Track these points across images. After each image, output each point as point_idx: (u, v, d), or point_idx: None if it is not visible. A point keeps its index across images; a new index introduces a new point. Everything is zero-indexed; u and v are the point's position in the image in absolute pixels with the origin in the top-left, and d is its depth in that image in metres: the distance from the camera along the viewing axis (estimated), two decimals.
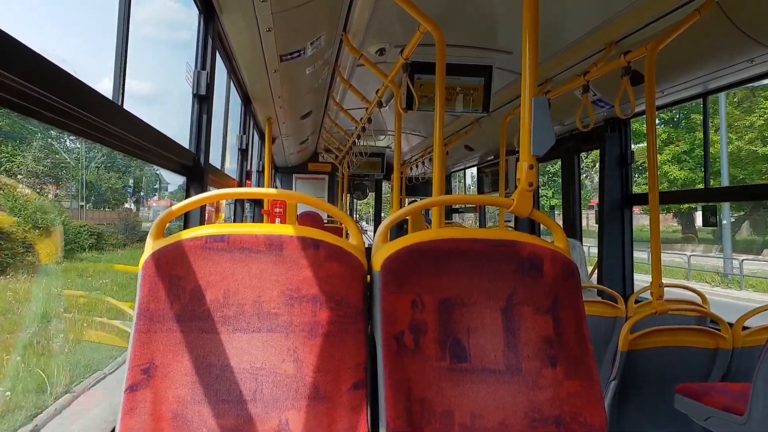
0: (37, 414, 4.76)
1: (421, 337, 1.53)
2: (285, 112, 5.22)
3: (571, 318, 1.57)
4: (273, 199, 5.41)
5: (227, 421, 1.42)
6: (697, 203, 4.29)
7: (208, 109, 2.79)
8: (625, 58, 3.06)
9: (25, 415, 4.73)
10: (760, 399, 2.06)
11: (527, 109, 1.69)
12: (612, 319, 3.48)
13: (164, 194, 16.41)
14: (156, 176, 15.72)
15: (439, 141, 2.75)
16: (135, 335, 1.43)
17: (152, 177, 15.84)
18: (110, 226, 11.14)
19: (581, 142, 5.01)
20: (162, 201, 22.39)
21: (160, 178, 16.13)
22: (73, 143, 10.99)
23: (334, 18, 3.26)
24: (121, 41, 1.93)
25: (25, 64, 1.12)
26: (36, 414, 4.76)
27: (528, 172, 1.68)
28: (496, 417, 1.49)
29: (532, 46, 1.73)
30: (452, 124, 6.21)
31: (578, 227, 5.18)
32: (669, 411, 2.64)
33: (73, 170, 11.04)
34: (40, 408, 4.91)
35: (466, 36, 3.50)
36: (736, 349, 2.79)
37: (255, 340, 1.48)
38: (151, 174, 15.63)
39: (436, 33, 2.62)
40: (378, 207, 11.63)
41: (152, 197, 15.82)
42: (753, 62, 2.90)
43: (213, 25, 2.80)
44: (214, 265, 1.50)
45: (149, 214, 13.39)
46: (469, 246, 1.58)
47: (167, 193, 16.12)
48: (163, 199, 16.11)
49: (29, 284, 6.95)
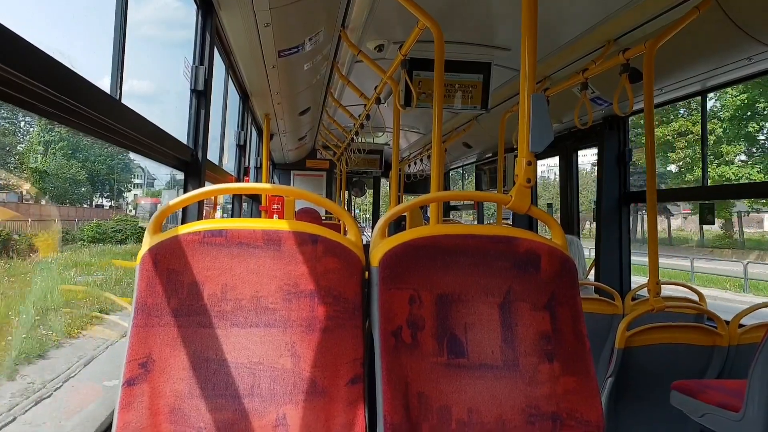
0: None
1: (419, 333, 1.53)
2: (283, 108, 5.21)
3: (568, 314, 1.57)
4: (271, 194, 5.41)
5: (225, 416, 1.42)
6: (698, 201, 4.30)
7: (206, 104, 2.79)
8: (623, 55, 3.06)
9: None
10: (755, 396, 2.07)
11: (526, 106, 1.69)
12: (609, 316, 3.49)
13: (150, 190, 14.64)
14: (141, 169, 13.64)
15: (438, 138, 2.75)
16: (132, 329, 1.43)
17: (133, 168, 13.60)
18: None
19: (579, 140, 5.01)
20: (146, 198, 20.97)
21: (146, 171, 14.17)
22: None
23: (333, 14, 3.25)
24: (118, 35, 1.92)
25: (23, 58, 1.12)
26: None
27: (526, 168, 1.68)
28: (493, 412, 1.49)
29: (530, 43, 1.73)
30: (451, 121, 6.22)
31: (576, 224, 5.19)
32: (665, 407, 2.65)
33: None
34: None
35: (464, 33, 3.50)
36: (732, 346, 2.80)
37: (253, 334, 1.48)
38: (129, 164, 13.40)
39: (434, 29, 2.62)
40: (376, 204, 11.63)
41: (129, 192, 14.48)
42: (751, 60, 2.90)
43: (211, 20, 2.80)
44: (212, 260, 1.50)
45: (132, 213, 12.24)
46: (467, 242, 1.59)
47: (152, 189, 14.24)
48: (149, 196, 14.78)
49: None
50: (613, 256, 4.52)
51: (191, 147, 2.72)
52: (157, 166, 2.48)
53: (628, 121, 4.61)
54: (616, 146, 4.56)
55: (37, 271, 5.41)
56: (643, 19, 2.87)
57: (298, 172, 9.96)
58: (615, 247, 4.52)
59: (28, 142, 8.75)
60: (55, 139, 9.33)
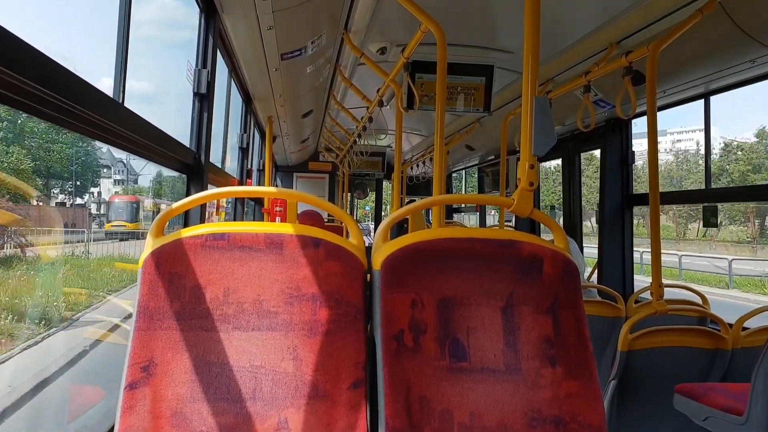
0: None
1: (421, 337, 1.53)
2: (286, 111, 5.22)
3: (570, 318, 1.57)
4: (273, 197, 5.42)
5: (226, 420, 1.42)
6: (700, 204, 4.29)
7: (209, 107, 2.79)
8: (626, 58, 3.06)
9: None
10: (759, 399, 2.06)
11: (528, 109, 1.68)
12: (612, 318, 3.48)
13: (133, 187, 12.52)
14: (122, 164, 10.83)
15: (440, 140, 2.75)
16: (134, 333, 1.43)
17: (102, 158, 10.50)
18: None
19: (582, 142, 5.01)
20: (121, 196, 19.03)
21: (128, 165, 11.68)
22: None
23: (336, 17, 3.25)
24: (121, 39, 1.93)
25: (26, 62, 1.13)
26: None
27: (529, 171, 1.68)
28: (495, 416, 1.49)
29: (533, 45, 1.73)
30: (453, 124, 6.21)
31: (579, 228, 5.18)
32: (668, 411, 2.64)
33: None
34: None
35: (467, 35, 3.50)
36: (735, 349, 2.79)
37: (254, 338, 1.48)
38: (96, 153, 10.32)
39: (437, 32, 2.62)
40: (378, 206, 11.63)
41: (94, 189, 11.81)
42: (754, 63, 2.90)
43: (214, 23, 2.80)
44: (214, 264, 1.50)
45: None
46: (469, 245, 1.58)
47: (136, 186, 12.00)
48: (127, 194, 13.03)
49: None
50: (616, 259, 4.51)
51: (194, 150, 2.72)
52: (142, 161, 2.46)
53: (631, 123, 4.60)
54: (619, 149, 4.55)
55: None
56: (646, 21, 2.87)
57: (301, 174, 9.96)
58: (618, 250, 4.51)
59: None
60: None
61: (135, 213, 21.17)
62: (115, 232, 18.70)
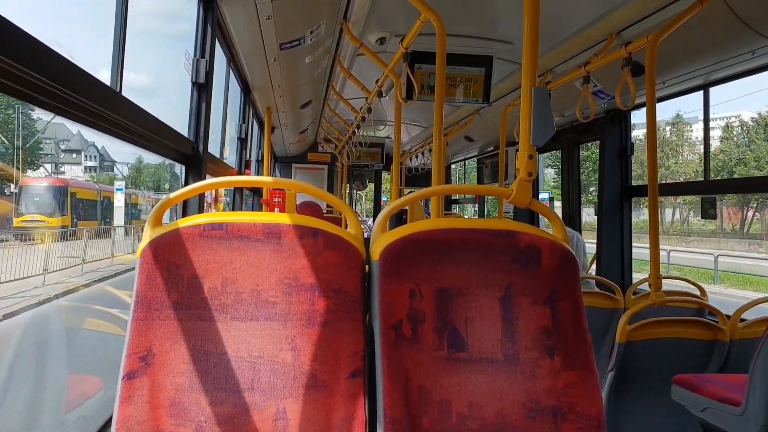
0: None
1: (419, 327, 1.53)
2: (284, 101, 5.20)
3: (569, 308, 1.57)
4: (272, 188, 5.41)
5: (225, 409, 1.43)
6: (700, 195, 4.29)
7: (207, 97, 2.78)
8: (626, 49, 3.05)
9: None
10: (756, 390, 2.07)
11: (527, 100, 1.68)
12: (610, 310, 3.49)
13: (107, 175, 10.02)
14: (95, 148, 8.93)
15: (439, 131, 2.74)
16: (132, 323, 1.44)
17: (65, 139, 8.79)
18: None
19: (581, 134, 5.00)
20: (39, 179, 13.30)
21: (100, 151, 9.62)
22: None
23: (335, 6, 3.24)
24: (119, 28, 1.92)
25: (22, 49, 1.12)
26: None
27: (527, 162, 1.68)
28: (494, 406, 1.49)
29: (532, 36, 1.72)
30: (452, 115, 6.20)
31: (578, 218, 5.19)
32: (666, 402, 2.66)
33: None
34: None
35: (466, 26, 3.49)
36: (733, 340, 2.80)
37: (253, 328, 1.48)
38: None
39: (436, 22, 2.61)
40: (377, 197, 11.62)
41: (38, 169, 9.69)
42: (754, 54, 2.89)
43: (212, 12, 2.79)
44: (212, 254, 1.50)
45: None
46: (468, 236, 1.59)
47: (110, 174, 9.68)
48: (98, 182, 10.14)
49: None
50: (615, 250, 4.51)
51: (192, 140, 2.72)
52: (118, 146, 2.41)
53: (630, 114, 4.59)
54: (618, 140, 4.54)
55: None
56: (645, 12, 2.85)
57: (300, 165, 9.95)
58: (616, 241, 4.51)
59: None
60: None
61: (61, 203, 16.11)
62: (27, 229, 13.68)
